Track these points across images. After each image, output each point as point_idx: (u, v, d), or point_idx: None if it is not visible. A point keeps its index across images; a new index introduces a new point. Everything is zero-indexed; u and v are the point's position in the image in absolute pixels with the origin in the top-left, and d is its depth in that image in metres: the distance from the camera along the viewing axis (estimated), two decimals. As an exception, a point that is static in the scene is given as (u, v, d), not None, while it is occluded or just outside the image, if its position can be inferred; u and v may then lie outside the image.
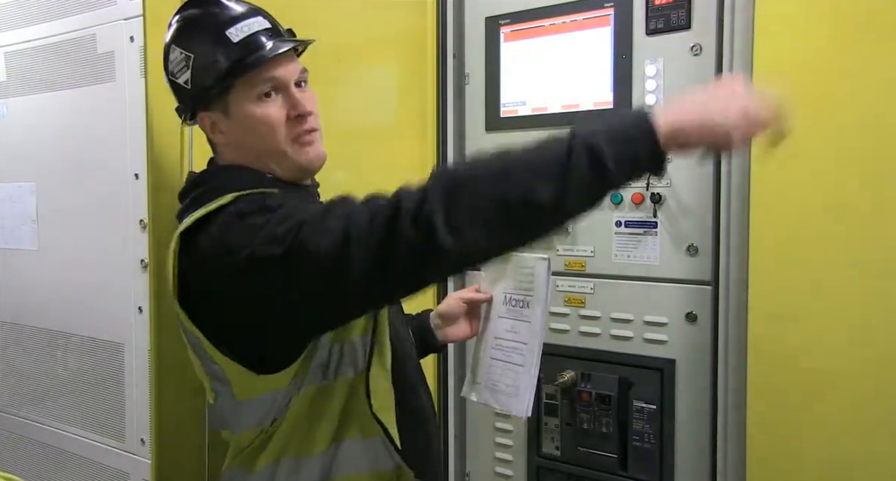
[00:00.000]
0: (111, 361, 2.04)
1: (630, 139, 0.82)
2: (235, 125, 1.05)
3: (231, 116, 1.05)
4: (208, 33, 1.03)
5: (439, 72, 1.76)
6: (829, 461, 1.27)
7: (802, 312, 1.28)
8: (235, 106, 1.04)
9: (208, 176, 1.10)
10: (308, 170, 1.09)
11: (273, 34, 1.05)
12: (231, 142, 1.07)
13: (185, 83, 1.05)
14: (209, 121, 1.07)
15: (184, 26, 1.07)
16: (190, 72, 1.04)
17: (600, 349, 1.60)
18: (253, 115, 1.03)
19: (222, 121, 1.06)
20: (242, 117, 1.04)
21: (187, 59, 1.03)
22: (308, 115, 1.06)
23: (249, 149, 1.06)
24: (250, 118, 1.03)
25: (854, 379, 1.24)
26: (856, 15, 1.22)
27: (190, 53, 1.03)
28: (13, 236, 2.31)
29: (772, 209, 1.30)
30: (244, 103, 1.03)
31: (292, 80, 1.05)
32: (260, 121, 1.03)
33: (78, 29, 2.04)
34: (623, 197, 1.56)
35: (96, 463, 2.11)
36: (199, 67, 1.03)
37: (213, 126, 1.07)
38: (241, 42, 1.02)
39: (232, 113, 1.04)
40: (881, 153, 1.21)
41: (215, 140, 1.10)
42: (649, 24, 1.51)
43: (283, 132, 1.04)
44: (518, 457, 1.72)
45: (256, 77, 1.02)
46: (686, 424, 1.49)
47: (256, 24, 1.04)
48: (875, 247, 1.22)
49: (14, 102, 2.27)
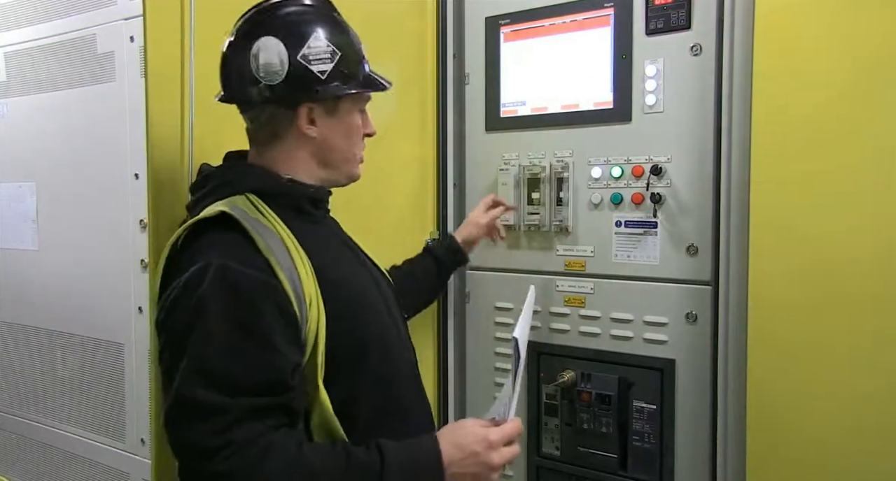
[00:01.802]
0: (111, 361, 2.04)
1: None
2: (334, 123, 1.13)
3: (336, 117, 1.13)
4: (353, 43, 1.15)
5: (439, 72, 1.76)
6: (828, 461, 1.27)
7: (802, 312, 1.28)
8: (344, 110, 1.14)
9: (222, 170, 1.14)
10: (352, 179, 1.21)
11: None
12: (319, 137, 1.12)
13: (320, 73, 1.08)
14: (308, 111, 1.11)
15: (336, 24, 1.14)
16: (332, 65, 1.09)
17: (600, 349, 1.60)
18: (353, 121, 1.16)
19: (322, 117, 1.12)
20: (344, 120, 1.14)
21: (334, 53, 1.09)
22: (370, 136, 1.21)
23: (332, 147, 1.14)
24: (349, 123, 1.15)
25: (854, 379, 1.24)
26: (856, 15, 1.22)
27: (337, 51, 1.10)
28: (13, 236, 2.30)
29: (772, 209, 1.30)
30: (351, 110, 1.15)
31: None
32: (355, 128, 1.17)
33: (78, 29, 2.03)
34: (623, 197, 1.56)
35: (96, 463, 2.11)
36: (342, 66, 1.10)
37: (311, 118, 1.12)
38: (364, 62, 1.16)
39: (339, 114, 1.13)
40: (881, 153, 1.21)
41: (305, 131, 1.12)
42: (649, 24, 1.51)
43: (359, 144, 1.19)
44: (518, 457, 1.72)
45: (366, 94, 1.17)
46: (686, 424, 1.49)
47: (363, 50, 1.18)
48: (875, 247, 1.22)
49: (14, 102, 2.27)
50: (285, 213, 1.08)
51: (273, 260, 0.99)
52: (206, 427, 0.91)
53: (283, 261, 1.00)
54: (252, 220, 1.02)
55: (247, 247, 0.99)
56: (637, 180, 1.54)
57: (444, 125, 1.77)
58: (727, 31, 1.38)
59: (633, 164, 1.55)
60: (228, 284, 0.95)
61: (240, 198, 1.06)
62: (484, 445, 1.03)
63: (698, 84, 1.46)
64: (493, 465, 1.03)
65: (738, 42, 1.36)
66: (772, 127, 1.30)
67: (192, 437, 0.92)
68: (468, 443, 1.03)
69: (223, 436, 0.91)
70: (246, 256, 0.98)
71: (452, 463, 1.01)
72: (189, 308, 0.95)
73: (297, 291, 0.99)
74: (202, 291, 0.95)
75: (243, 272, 0.96)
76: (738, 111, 1.36)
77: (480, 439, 1.03)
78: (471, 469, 1.02)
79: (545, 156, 1.67)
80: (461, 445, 1.03)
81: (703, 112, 1.45)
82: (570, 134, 1.64)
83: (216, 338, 0.94)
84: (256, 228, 1.00)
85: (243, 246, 0.99)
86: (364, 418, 1.07)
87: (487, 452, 1.03)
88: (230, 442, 0.91)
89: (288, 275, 0.99)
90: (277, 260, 0.99)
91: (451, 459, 1.01)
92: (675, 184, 1.50)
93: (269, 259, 0.98)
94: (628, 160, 1.56)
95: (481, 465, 1.03)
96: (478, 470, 1.03)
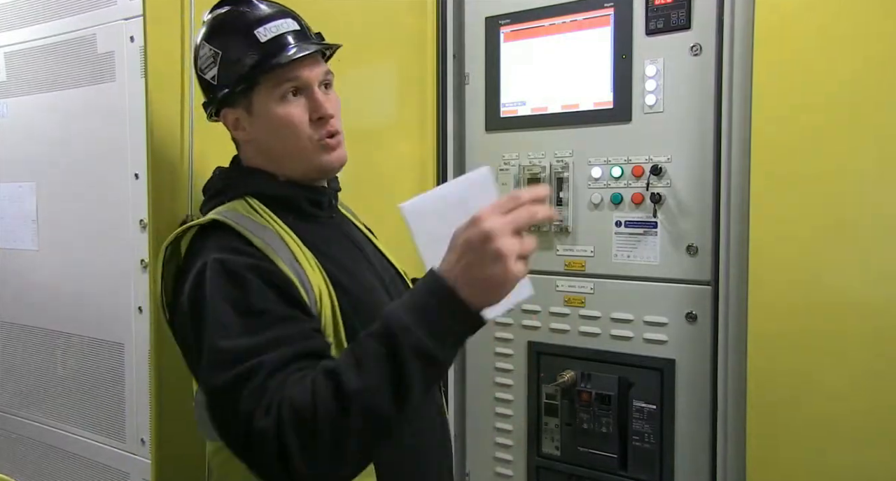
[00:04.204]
0: (111, 361, 2.04)
1: (451, 329, 0.83)
2: (258, 123, 1.06)
3: (254, 114, 1.06)
4: (237, 31, 1.05)
5: (439, 72, 1.76)
6: (828, 461, 1.27)
7: (802, 312, 1.28)
8: (259, 104, 1.05)
9: (221, 176, 1.12)
10: (327, 171, 1.10)
11: (301, 37, 1.07)
12: (252, 139, 1.09)
13: (213, 79, 1.07)
14: (233, 118, 1.08)
15: (216, 24, 1.09)
16: (217, 68, 1.05)
17: (600, 349, 1.60)
18: (275, 114, 1.04)
19: (245, 118, 1.07)
20: (265, 116, 1.05)
21: (215, 55, 1.05)
22: (330, 118, 1.06)
23: (271, 147, 1.07)
24: (272, 117, 1.04)
25: (855, 379, 1.24)
26: (855, 15, 1.22)
27: (218, 50, 1.05)
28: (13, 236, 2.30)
29: (772, 209, 1.30)
30: (267, 102, 1.04)
31: (316, 82, 1.06)
32: (281, 120, 1.04)
33: (78, 29, 2.04)
34: (623, 197, 1.56)
35: (96, 463, 2.11)
36: (225, 64, 1.05)
37: (235, 123, 1.09)
38: (268, 41, 1.03)
39: (255, 111, 1.05)
40: (881, 153, 1.21)
41: (237, 137, 1.11)
42: (649, 24, 1.51)
43: (304, 132, 1.05)
44: (518, 457, 1.72)
45: (280, 76, 1.03)
46: (686, 424, 1.49)
47: (285, 26, 1.06)
48: (875, 247, 1.22)
49: (14, 102, 2.27)
50: (287, 215, 1.08)
51: (270, 251, 0.98)
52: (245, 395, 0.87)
53: (283, 254, 0.99)
54: (245, 220, 1.02)
55: (241, 243, 0.98)
56: (637, 180, 1.54)
57: (444, 125, 1.77)
58: (727, 31, 1.38)
59: (633, 164, 1.55)
60: (225, 271, 0.95)
61: (239, 202, 1.06)
62: (471, 228, 0.83)
63: (698, 84, 1.46)
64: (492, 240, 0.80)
65: (738, 42, 1.36)
66: (772, 127, 1.30)
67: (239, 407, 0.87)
68: (456, 242, 0.85)
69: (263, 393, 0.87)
70: (240, 247, 0.98)
71: (451, 269, 0.83)
72: (195, 304, 0.95)
73: (303, 279, 0.98)
74: (203, 287, 0.95)
75: (236, 260, 0.96)
76: (738, 111, 1.36)
77: (464, 227, 0.84)
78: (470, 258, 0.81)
79: (545, 156, 1.67)
80: (451, 248, 0.85)
81: (703, 112, 1.45)
82: (570, 134, 1.64)
83: (223, 318, 0.92)
84: (249, 227, 1.00)
85: (237, 241, 0.98)
86: None
87: (477, 229, 0.82)
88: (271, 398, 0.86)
89: (289, 264, 0.98)
90: (276, 251, 0.98)
91: (448, 266, 0.84)
92: (675, 184, 1.50)
93: (266, 251, 0.98)
94: (628, 160, 1.56)
95: (480, 251, 0.81)
96: (478, 257, 0.81)
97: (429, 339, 0.81)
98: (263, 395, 0.86)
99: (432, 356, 0.82)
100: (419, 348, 0.81)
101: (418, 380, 0.82)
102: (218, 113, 1.09)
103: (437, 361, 0.82)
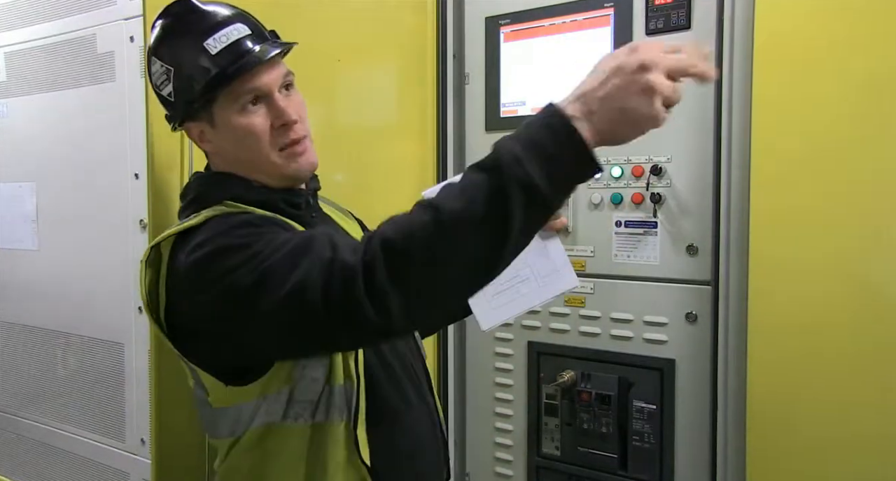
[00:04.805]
0: (111, 361, 2.04)
1: (561, 159, 0.77)
2: (222, 135, 1.04)
3: (217, 127, 1.04)
4: (186, 45, 1.01)
5: (439, 72, 1.76)
6: (828, 461, 1.27)
7: (802, 312, 1.28)
8: (220, 117, 1.02)
9: (199, 181, 1.11)
10: (297, 177, 1.08)
11: (255, 39, 1.03)
12: (219, 150, 1.07)
13: (169, 96, 1.04)
14: (197, 131, 1.07)
15: (163, 36, 1.05)
16: (171, 85, 1.02)
17: (600, 349, 1.60)
18: (237, 125, 1.01)
19: (209, 130, 1.05)
20: (227, 128, 1.03)
21: (168, 72, 1.02)
22: (293, 124, 1.03)
23: (237, 157, 1.06)
24: (235, 129, 1.02)
25: (855, 379, 1.24)
26: (856, 14, 1.22)
27: (170, 66, 1.01)
28: (13, 236, 2.31)
29: (772, 209, 1.30)
30: (228, 114, 1.01)
31: (276, 86, 1.03)
32: (244, 131, 1.01)
33: (78, 29, 2.04)
34: (623, 197, 1.56)
35: (96, 463, 2.11)
36: (179, 81, 1.01)
37: (200, 135, 1.07)
38: (220, 53, 0.99)
39: (217, 123, 1.03)
40: (882, 153, 1.21)
41: (204, 148, 1.10)
42: (649, 24, 1.51)
43: (267, 141, 1.02)
44: (518, 457, 1.72)
45: (238, 88, 1.00)
46: (686, 424, 1.49)
47: (235, 32, 1.01)
48: (875, 247, 1.22)
49: (14, 102, 2.27)
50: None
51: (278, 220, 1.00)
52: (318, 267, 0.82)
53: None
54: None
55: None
56: (637, 180, 1.54)
57: (444, 125, 1.77)
58: (727, 31, 1.38)
59: (633, 164, 1.55)
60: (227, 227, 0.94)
61: (223, 205, 1.04)
62: (628, 55, 0.78)
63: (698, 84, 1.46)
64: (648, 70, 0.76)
65: (738, 42, 1.36)
66: (772, 127, 1.30)
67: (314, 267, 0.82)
68: (602, 66, 0.80)
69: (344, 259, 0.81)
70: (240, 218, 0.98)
71: (584, 94, 0.79)
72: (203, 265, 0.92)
73: None
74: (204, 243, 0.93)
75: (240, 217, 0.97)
76: (738, 111, 1.36)
77: (616, 54, 0.80)
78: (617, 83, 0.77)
79: (545, 156, 1.67)
80: (593, 72, 0.81)
81: (703, 112, 1.45)
82: (570, 134, 1.64)
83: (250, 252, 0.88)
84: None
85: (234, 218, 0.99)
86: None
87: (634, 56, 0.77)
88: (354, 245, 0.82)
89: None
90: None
91: (582, 91, 0.80)
92: (675, 184, 1.50)
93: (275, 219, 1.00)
94: (628, 160, 1.56)
95: (630, 79, 0.76)
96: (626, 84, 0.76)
97: (538, 174, 0.75)
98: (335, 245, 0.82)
99: (541, 192, 0.76)
100: (524, 180, 0.75)
101: (519, 220, 0.76)
102: (182, 125, 1.07)
103: (543, 199, 0.77)
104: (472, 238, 0.77)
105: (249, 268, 0.86)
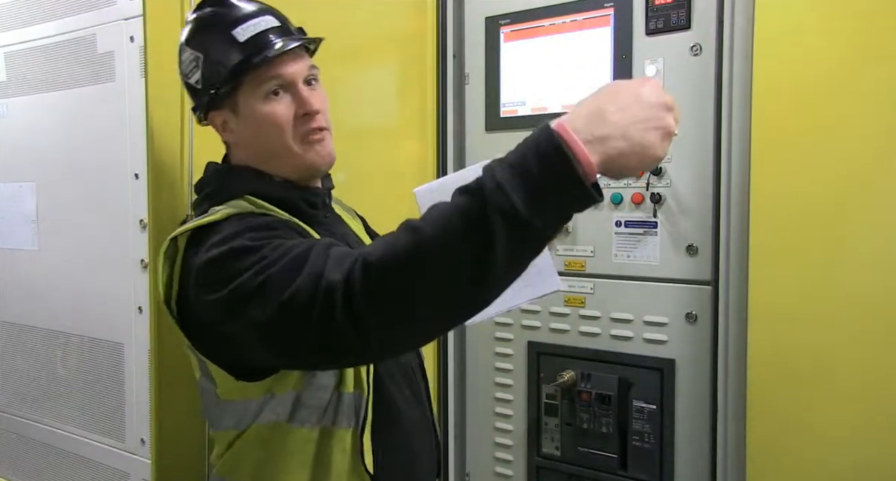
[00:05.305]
0: (111, 361, 2.04)
1: (555, 190, 0.72)
2: (244, 124, 1.06)
3: (240, 115, 1.06)
4: (217, 33, 1.05)
5: (439, 72, 1.76)
6: (829, 461, 1.27)
7: (802, 312, 1.28)
8: (244, 104, 1.05)
9: (216, 174, 1.12)
10: (315, 169, 1.10)
11: (282, 33, 1.07)
12: (241, 140, 1.09)
13: (196, 83, 1.07)
14: (220, 120, 1.09)
15: (195, 27, 1.09)
16: (200, 72, 1.06)
17: (600, 349, 1.60)
18: (260, 113, 1.04)
19: (232, 119, 1.07)
20: (250, 116, 1.05)
21: (197, 59, 1.05)
22: (315, 114, 1.06)
23: (258, 148, 1.08)
24: (258, 116, 1.04)
25: (855, 379, 1.24)
26: (856, 14, 1.22)
27: (199, 54, 1.05)
28: (13, 236, 2.31)
29: (772, 209, 1.30)
30: (252, 102, 1.04)
31: (300, 78, 1.06)
32: (266, 119, 1.04)
33: (78, 29, 2.04)
34: (623, 197, 1.56)
35: (96, 463, 2.11)
36: (208, 67, 1.05)
37: (223, 125, 1.09)
38: (248, 41, 1.03)
39: (241, 111, 1.06)
40: (882, 153, 1.21)
41: (226, 139, 1.12)
42: (649, 24, 1.51)
43: (289, 130, 1.05)
44: (518, 457, 1.72)
45: (263, 75, 1.03)
46: (686, 424, 1.49)
47: (264, 23, 1.05)
48: (875, 248, 1.22)
49: (14, 102, 2.27)
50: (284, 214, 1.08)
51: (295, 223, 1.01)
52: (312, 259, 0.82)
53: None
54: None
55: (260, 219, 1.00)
56: (637, 180, 1.54)
57: (443, 125, 1.77)
58: (727, 31, 1.38)
59: (633, 164, 1.55)
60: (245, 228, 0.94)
61: (241, 200, 1.05)
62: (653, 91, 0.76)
63: (698, 84, 1.46)
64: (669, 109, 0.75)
65: (738, 42, 1.36)
66: (772, 127, 1.30)
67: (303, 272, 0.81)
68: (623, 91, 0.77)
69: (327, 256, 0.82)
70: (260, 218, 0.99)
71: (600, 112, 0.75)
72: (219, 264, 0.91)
73: None
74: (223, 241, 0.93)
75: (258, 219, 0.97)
76: (738, 111, 1.36)
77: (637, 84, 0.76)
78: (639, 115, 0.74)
79: (545, 156, 1.67)
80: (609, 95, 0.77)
81: (703, 112, 1.45)
82: (570, 134, 1.64)
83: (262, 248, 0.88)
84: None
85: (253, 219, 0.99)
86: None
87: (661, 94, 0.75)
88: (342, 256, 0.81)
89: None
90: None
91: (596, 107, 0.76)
92: (675, 184, 1.50)
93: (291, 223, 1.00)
94: (628, 160, 1.56)
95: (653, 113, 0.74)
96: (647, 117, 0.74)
97: (522, 203, 0.70)
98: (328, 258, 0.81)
99: (525, 222, 0.71)
100: (506, 209, 0.70)
101: (503, 245, 0.71)
102: (206, 116, 1.10)
103: (530, 228, 0.71)
104: (448, 265, 0.73)
105: (255, 272, 0.87)
